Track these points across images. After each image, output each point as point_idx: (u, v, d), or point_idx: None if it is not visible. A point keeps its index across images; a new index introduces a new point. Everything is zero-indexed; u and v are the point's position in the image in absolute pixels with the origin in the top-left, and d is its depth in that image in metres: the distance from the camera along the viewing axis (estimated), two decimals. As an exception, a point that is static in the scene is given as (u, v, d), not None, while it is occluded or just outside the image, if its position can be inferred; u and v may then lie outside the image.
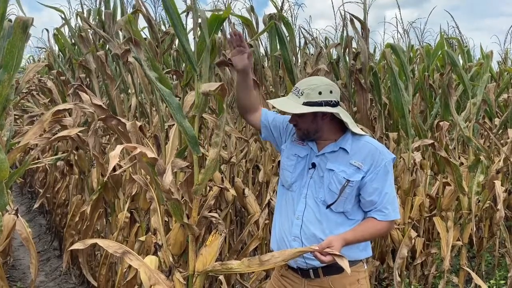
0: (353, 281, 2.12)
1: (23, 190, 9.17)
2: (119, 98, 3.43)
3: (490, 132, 4.83)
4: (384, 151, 2.09)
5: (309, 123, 2.10)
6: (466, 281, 4.16)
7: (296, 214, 2.12)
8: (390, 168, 2.08)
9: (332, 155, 2.10)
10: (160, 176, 2.02)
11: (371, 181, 2.04)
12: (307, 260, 2.09)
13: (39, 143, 3.08)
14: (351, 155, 2.08)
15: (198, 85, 2.08)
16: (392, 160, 2.09)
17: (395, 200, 2.10)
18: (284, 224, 2.17)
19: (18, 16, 2.17)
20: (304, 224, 2.08)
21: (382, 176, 2.05)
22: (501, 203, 4.05)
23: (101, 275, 3.53)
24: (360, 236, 2.04)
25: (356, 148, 2.09)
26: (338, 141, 2.12)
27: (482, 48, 5.33)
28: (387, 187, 2.06)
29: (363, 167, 2.04)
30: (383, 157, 2.06)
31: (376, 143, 2.14)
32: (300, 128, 2.14)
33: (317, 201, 2.09)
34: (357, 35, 3.84)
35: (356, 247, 2.10)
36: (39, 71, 6.48)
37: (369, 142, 2.11)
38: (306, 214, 2.10)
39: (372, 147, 2.08)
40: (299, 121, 2.13)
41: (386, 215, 2.06)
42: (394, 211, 2.09)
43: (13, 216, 2.58)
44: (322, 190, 2.08)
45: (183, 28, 2.11)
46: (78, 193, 4.36)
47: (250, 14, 3.69)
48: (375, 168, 2.04)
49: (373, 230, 2.07)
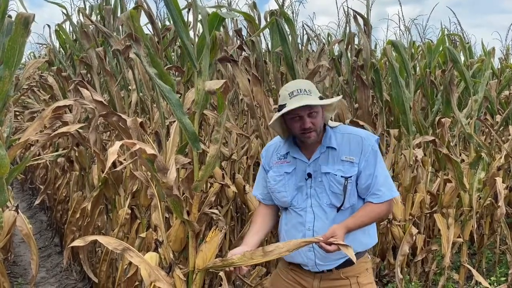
0: (363, 269, 2.18)
1: (24, 186, 9.18)
2: (119, 94, 3.43)
3: (491, 129, 4.81)
4: (367, 136, 2.14)
5: (320, 120, 2.12)
6: (466, 278, 4.16)
7: (307, 225, 2.12)
8: (377, 150, 2.12)
9: (322, 158, 2.12)
10: (160, 172, 2.01)
11: (364, 169, 2.08)
12: (319, 266, 2.11)
13: (40, 140, 3.07)
14: (339, 151, 2.11)
15: (197, 82, 2.07)
16: (377, 141, 2.14)
17: (387, 180, 2.13)
18: (295, 237, 2.12)
19: (19, 12, 2.17)
20: (316, 233, 2.08)
21: (372, 161, 2.09)
22: (502, 200, 4.04)
23: (102, 271, 3.53)
24: (361, 222, 2.07)
25: (341, 142, 2.12)
26: (322, 141, 2.13)
27: (483, 45, 5.30)
28: (377, 170, 2.10)
29: (355, 159, 2.08)
30: (368, 142, 2.11)
31: (357, 130, 2.18)
32: (316, 129, 2.09)
33: (323, 207, 2.10)
34: (360, 31, 3.82)
35: (360, 238, 2.13)
36: (40, 67, 6.46)
37: (352, 133, 2.15)
38: (316, 224, 2.10)
39: (356, 137, 2.12)
40: (315, 121, 2.08)
41: (380, 197, 2.09)
42: (390, 190, 2.12)
43: (13, 213, 2.58)
44: (325, 194, 2.09)
45: (183, 25, 2.10)
46: (79, 189, 4.36)
47: (253, 10, 3.69)
48: (365, 156, 2.08)
49: (373, 214, 2.11)
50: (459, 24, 4.40)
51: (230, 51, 3.52)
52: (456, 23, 4.59)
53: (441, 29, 4.51)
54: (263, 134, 3.39)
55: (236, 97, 4.17)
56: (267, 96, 3.37)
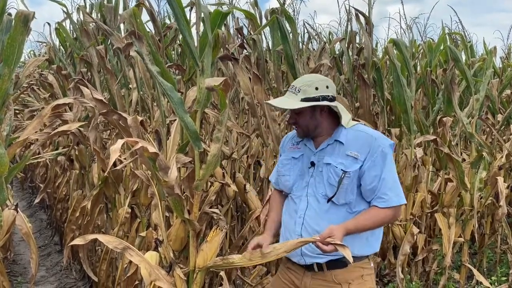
0: (357, 276, 2.09)
1: (23, 185, 9.17)
2: (120, 93, 3.41)
3: (492, 128, 4.81)
4: (380, 137, 2.08)
5: (308, 120, 2.09)
6: (467, 278, 4.16)
7: (299, 213, 2.11)
8: (388, 154, 2.04)
9: (328, 149, 2.10)
10: (161, 171, 2.00)
11: (369, 169, 2.01)
12: (306, 257, 2.08)
13: (39, 138, 3.06)
14: (346, 146, 2.06)
15: (200, 80, 2.06)
16: (391, 146, 2.07)
17: (396, 185, 2.05)
18: (289, 224, 2.16)
19: (19, 10, 2.16)
20: (306, 221, 2.07)
21: (380, 163, 2.01)
22: (503, 200, 4.03)
23: (102, 270, 3.52)
24: (362, 225, 2.00)
25: (351, 138, 2.08)
26: (333, 134, 2.12)
27: (485, 43, 5.29)
28: (385, 172, 2.01)
29: (360, 156, 2.02)
30: (379, 143, 2.03)
31: (371, 131, 2.13)
32: (300, 126, 2.12)
33: (318, 197, 2.08)
34: (361, 30, 3.81)
35: (360, 242, 2.07)
36: (40, 66, 6.45)
37: (364, 131, 2.10)
38: (308, 212, 2.09)
39: (367, 136, 2.07)
40: (299, 119, 2.11)
41: (386, 201, 2.01)
42: (397, 196, 2.04)
43: (13, 211, 2.56)
44: (322, 185, 2.07)
45: (186, 23, 2.09)
46: (79, 188, 4.35)
47: (254, 8, 3.67)
48: (372, 156, 2.01)
49: (376, 218, 2.03)
50: (460, 23, 4.37)
51: (231, 50, 3.51)
52: (458, 21, 4.58)
53: (442, 28, 4.49)
54: (264, 133, 3.38)
55: (236, 96, 4.16)
56: (267, 95, 3.36)
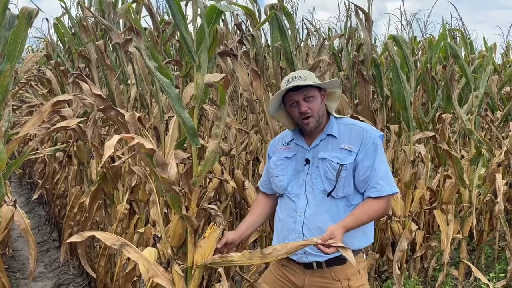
0: (355, 271, 2.13)
1: (22, 181, 9.17)
2: (119, 88, 3.40)
3: (491, 125, 4.80)
4: (371, 129, 2.15)
5: (319, 105, 2.14)
6: (465, 274, 4.16)
7: (298, 211, 2.12)
8: (379, 145, 2.12)
9: (322, 145, 2.14)
10: (159, 167, 1.99)
11: (362, 160, 2.08)
12: (309, 256, 2.09)
13: (38, 134, 3.05)
14: (339, 139, 2.12)
15: (196, 76, 2.05)
16: (380, 137, 2.14)
17: (387, 174, 2.12)
18: (287, 223, 2.16)
19: (23, 7, 2.16)
20: (307, 219, 2.08)
21: (372, 153, 2.09)
22: (501, 196, 4.04)
23: (100, 266, 3.52)
24: (360, 220, 2.04)
25: (343, 131, 2.14)
26: (324, 129, 2.16)
27: (485, 40, 5.29)
28: (376, 163, 2.08)
29: (354, 148, 2.08)
30: (370, 135, 2.11)
31: (361, 123, 2.20)
32: (313, 115, 2.13)
33: (316, 193, 2.09)
34: (361, 26, 3.80)
35: (360, 235, 2.11)
36: (38, 61, 6.43)
37: (354, 124, 2.17)
38: (308, 210, 2.10)
39: (358, 128, 2.14)
40: (311, 105, 2.12)
41: (379, 191, 2.07)
42: (389, 185, 2.10)
43: (11, 207, 2.56)
44: (319, 180, 2.09)
45: (182, 18, 2.08)
46: (77, 184, 4.34)
47: (253, 4, 3.66)
48: (364, 147, 2.08)
49: (371, 211, 2.07)
50: (460, 19, 4.37)
51: (230, 45, 3.50)
52: (458, 18, 4.57)
53: (443, 24, 4.48)
54: (263, 130, 3.37)
55: (235, 92, 4.15)
56: (266, 91, 3.35)
